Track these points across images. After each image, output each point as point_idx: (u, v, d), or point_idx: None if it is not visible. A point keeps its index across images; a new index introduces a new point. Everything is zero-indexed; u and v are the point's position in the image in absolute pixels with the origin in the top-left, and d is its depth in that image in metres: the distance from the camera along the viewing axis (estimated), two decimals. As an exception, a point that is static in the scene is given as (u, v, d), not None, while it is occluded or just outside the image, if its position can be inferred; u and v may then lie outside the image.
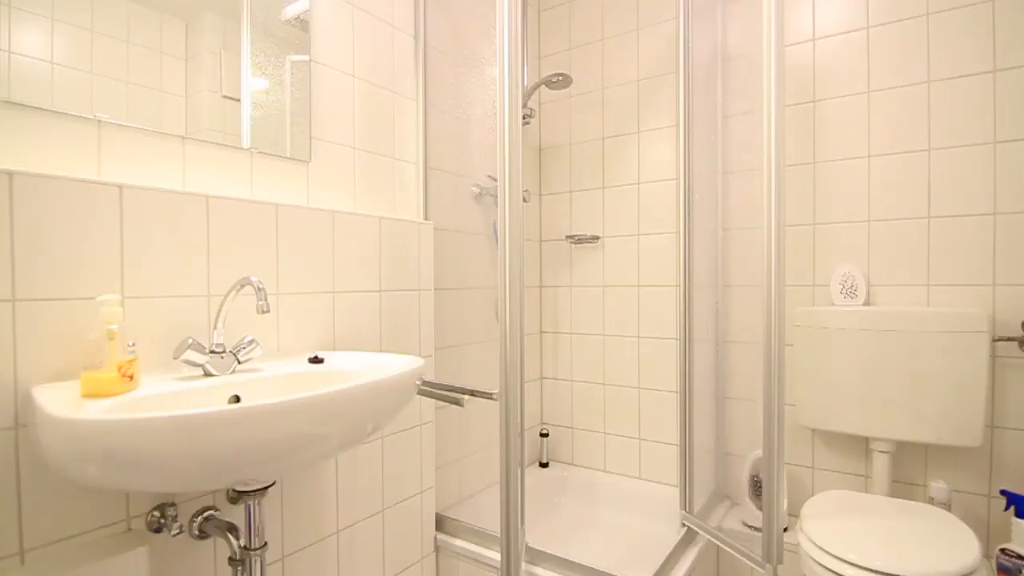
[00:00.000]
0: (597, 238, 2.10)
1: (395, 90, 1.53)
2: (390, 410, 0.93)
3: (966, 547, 1.17)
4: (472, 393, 1.23)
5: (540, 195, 2.26)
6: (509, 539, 1.15)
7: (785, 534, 1.59)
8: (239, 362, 0.96)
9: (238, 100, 1.15)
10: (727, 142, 1.86)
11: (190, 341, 0.90)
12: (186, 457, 0.66)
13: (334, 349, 1.27)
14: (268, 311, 0.92)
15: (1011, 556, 1.37)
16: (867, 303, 1.63)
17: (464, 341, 1.79)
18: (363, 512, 1.34)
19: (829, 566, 1.17)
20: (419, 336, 1.52)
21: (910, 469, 1.60)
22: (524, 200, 1.89)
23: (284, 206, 1.17)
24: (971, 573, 1.10)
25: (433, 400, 1.48)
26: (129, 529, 0.90)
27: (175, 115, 1.04)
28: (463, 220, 1.80)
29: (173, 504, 0.94)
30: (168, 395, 0.83)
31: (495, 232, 1.90)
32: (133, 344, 0.86)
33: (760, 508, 1.66)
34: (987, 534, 1.50)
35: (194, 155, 1.07)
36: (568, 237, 2.14)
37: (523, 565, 1.38)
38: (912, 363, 1.48)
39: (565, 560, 1.36)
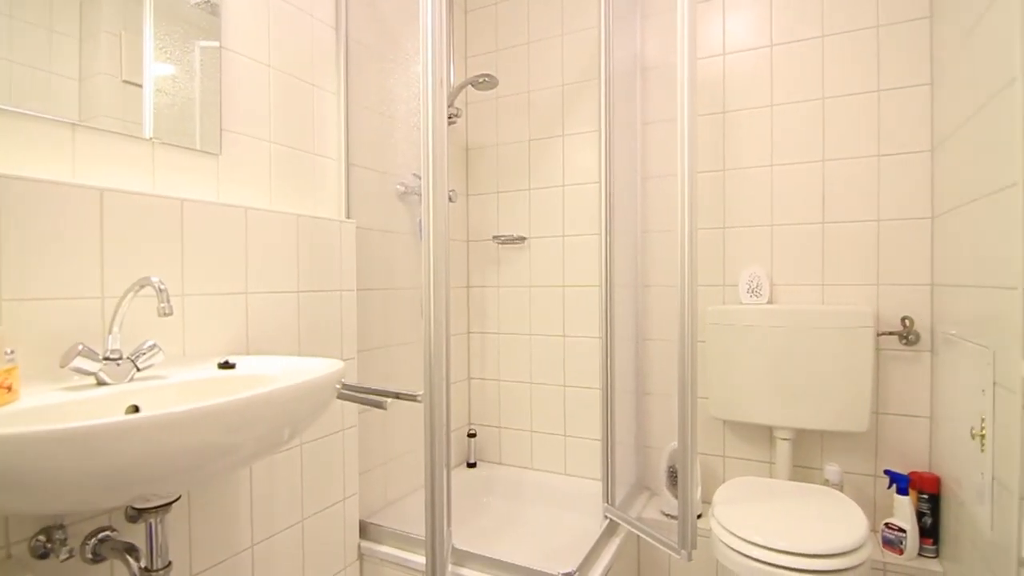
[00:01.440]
0: (523, 239, 2.13)
1: (315, 83, 1.47)
2: (308, 416, 0.89)
3: (855, 524, 1.28)
4: (397, 396, 1.21)
5: (467, 195, 2.26)
6: (435, 542, 1.14)
7: (700, 520, 1.68)
8: (138, 369, 0.89)
9: (140, 86, 1.06)
10: (646, 148, 1.94)
11: (80, 347, 0.82)
12: (76, 474, 0.60)
13: (247, 353, 1.20)
14: (171, 313, 0.86)
15: (893, 529, 1.53)
16: (771, 301, 1.76)
17: (390, 342, 1.76)
18: (281, 523, 1.28)
19: (737, 548, 1.25)
20: (341, 338, 1.47)
21: (808, 454, 1.74)
22: (450, 200, 1.88)
23: (191, 201, 1.10)
24: (859, 547, 1.21)
25: (356, 404, 1.44)
26: (9, 556, 0.81)
27: (66, 99, 0.95)
28: (388, 219, 1.77)
29: (61, 527, 0.86)
30: (54, 406, 0.76)
31: (420, 231, 1.88)
32: (12, 352, 0.77)
33: (676, 497, 1.75)
34: (873, 510, 1.66)
35: (87, 144, 0.98)
36: (495, 237, 2.15)
37: (449, 567, 1.37)
38: (809, 357, 1.62)
39: (491, 559, 1.37)
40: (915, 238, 1.61)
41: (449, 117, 1.96)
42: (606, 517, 1.65)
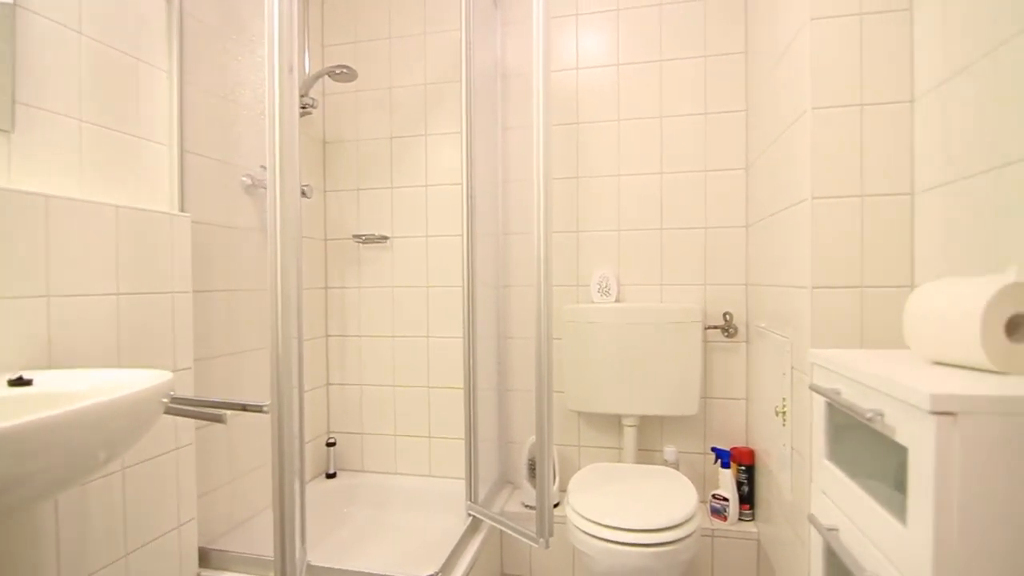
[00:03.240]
0: (386, 238, 2.07)
1: (140, 57, 1.30)
2: (127, 436, 0.79)
3: (688, 497, 1.44)
4: (244, 407, 1.11)
5: (325, 191, 2.14)
6: (285, 561, 1.06)
7: (558, 508, 1.77)
8: None
9: None
10: (507, 152, 2.00)
11: None
12: None
13: (49, 367, 1.02)
14: (-65, 322, 0.70)
15: (719, 499, 1.74)
16: (618, 300, 1.91)
17: (236, 349, 1.61)
18: (97, 561, 1.11)
19: (588, 531, 1.33)
20: (174, 346, 1.31)
21: (650, 438, 1.92)
22: (304, 195, 1.77)
23: (-33, 186, 0.91)
24: (690, 518, 1.36)
25: (192, 419, 1.30)
26: None
27: None
28: (233, 213, 1.62)
29: None
30: None
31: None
32: None
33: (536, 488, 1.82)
34: (703, 484, 1.87)
35: None
36: (355, 236, 2.07)
37: (303, 586, 1.29)
38: (650, 350, 1.78)
39: (349, 572, 1.31)
40: (734, 244, 1.84)
41: (303, 107, 1.85)
42: (469, 515, 1.67)
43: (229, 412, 1.06)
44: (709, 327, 1.83)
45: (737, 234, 1.84)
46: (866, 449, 0.69)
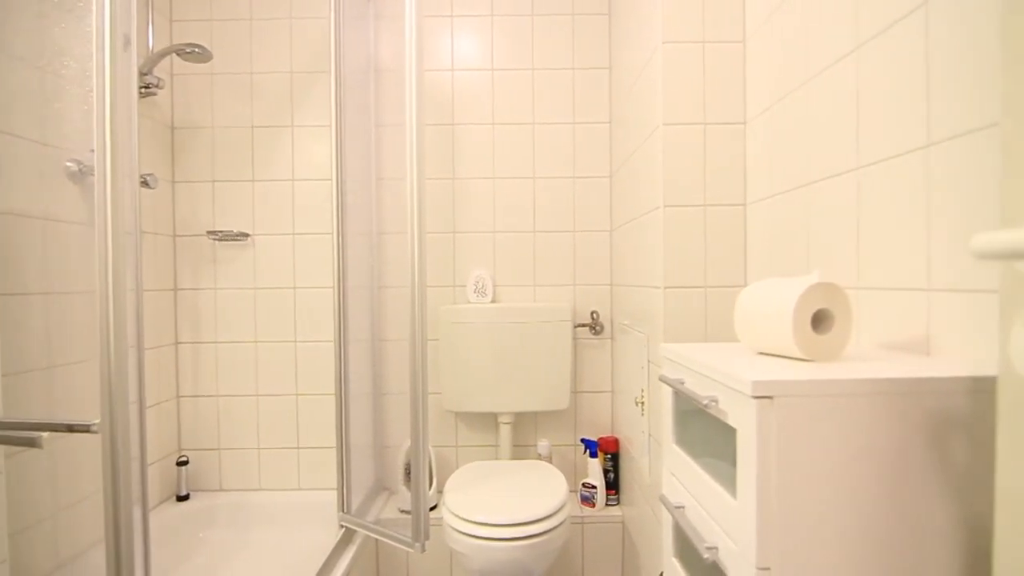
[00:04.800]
0: (247, 235, 1.92)
1: (-80, 12, 1.07)
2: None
3: (558, 488, 1.51)
4: (70, 428, 0.96)
5: (174, 182, 1.93)
6: (120, 599, 0.94)
7: (436, 511, 1.76)
8: None
9: None
10: (381, 150, 1.95)
11: None
12: None
13: None
14: None
15: (588, 487, 1.84)
16: (494, 301, 1.95)
17: (61, 361, 1.39)
18: None
19: (462, 529, 1.34)
20: (-29, 360, 1.10)
21: (525, 433, 1.98)
22: (145, 184, 1.58)
23: None
24: (560, 508, 1.42)
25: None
26: None
27: None
28: (54, 204, 1.39)
29: None
30: None
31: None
32: None
33: (413, 492, 1.79)
34: (574, 474, 1.97)
35: None
36: (211, 233, 1.89)
37: (145, 624, 1.15)
38: (524, 348, 1.84)
39: (203, 601, 1.19)
40: (599, 246, 1.96)
41: (145, 86, 1.65)
42: (342, 526, 1.60)
43: (46, 434, 0.91)
44: (578, 325, 1.94)
45: (603, 238, 1.96)
46: (707, 433, 0.77)
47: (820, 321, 0.71)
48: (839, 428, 0.60)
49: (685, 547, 0.86)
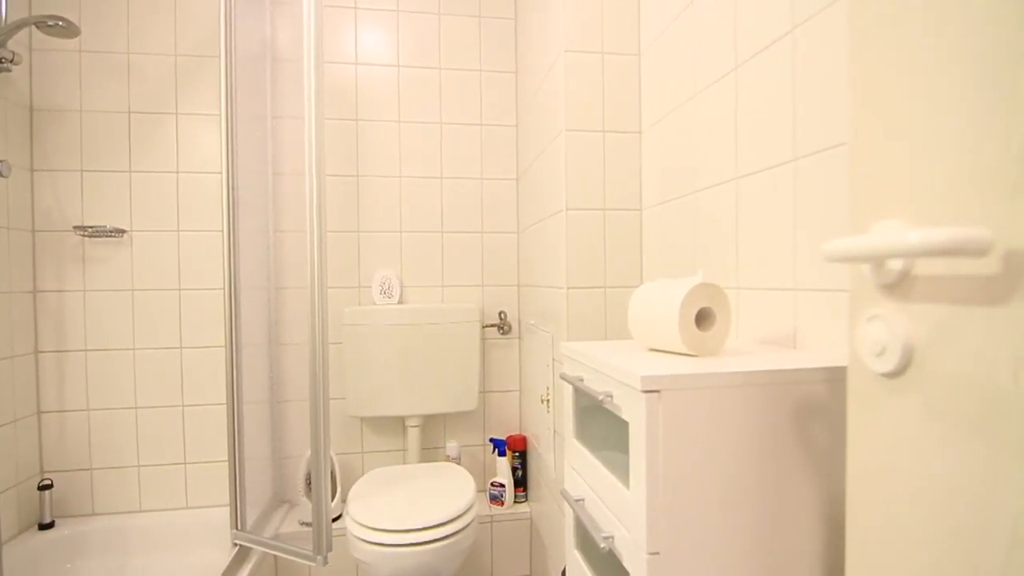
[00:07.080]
0: (123, 232, 1.74)
1: None
2: None
3: (467, 489, 1.51)
4: None
5: (32, 170, 1.71)
6: (-42, 649, 0.82)
7: (339, 521, 1.69)
8: None
9: None
10: (278, 143, 1.84)
11: None
12: None
13: None
14: None
15: (496, 486, 1.86)
16: (401, 302, 1.91)
17: None
18: None
19: (366, 538, 1.30)
20: None
21: (434, 436, 1.96)
22: (-3, 174, 1.39)
23: None
24: (468, 509, 1.42)
25: None
26: None
27: None
28: None
29: None
30: None
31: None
32: None
33: (315, 503, 1.71)
34: (483, 474, 1.98)
35: None
36: (79, 228, 1.69)
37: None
38: (432, 350, 1.82)
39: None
40: (507, 247, 1.99)
41: (-6, 62, 1.45)
42: (235, 544, 1.50)
43: None
44: (486, 325, 1.95)
45: (510, 239, 1.99)
46: (605, 427, 0.81)
47: (703, 319, 0.77)
48: (718, 418, 0.64)
49: (586, 539, 0.89)
